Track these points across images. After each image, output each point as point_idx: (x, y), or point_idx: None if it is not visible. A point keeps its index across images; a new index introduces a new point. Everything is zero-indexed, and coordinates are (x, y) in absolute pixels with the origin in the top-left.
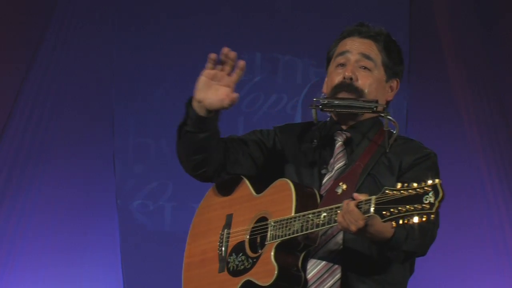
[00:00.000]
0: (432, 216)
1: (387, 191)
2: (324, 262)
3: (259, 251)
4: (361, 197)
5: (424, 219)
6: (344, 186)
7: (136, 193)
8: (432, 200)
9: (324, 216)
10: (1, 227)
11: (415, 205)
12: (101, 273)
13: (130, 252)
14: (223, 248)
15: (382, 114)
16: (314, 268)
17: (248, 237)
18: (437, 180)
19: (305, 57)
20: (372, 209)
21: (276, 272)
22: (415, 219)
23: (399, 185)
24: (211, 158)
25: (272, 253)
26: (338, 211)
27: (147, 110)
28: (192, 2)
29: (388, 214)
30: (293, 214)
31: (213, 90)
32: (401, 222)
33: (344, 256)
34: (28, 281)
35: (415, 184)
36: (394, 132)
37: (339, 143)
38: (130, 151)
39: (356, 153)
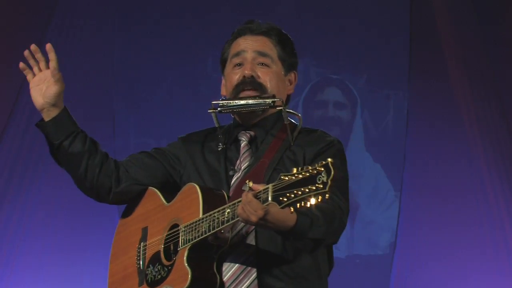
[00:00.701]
0: (327, 195)
1: (283, 177)
2: (238, 263)
3: (173, 258)
4: (259, 187)
5: (319, 199)
6: (251, 184)
7: None
8: (325, 179)
9: (228, 212)
10: (2, 227)
11: (309, 187)
12: (101, 273)
13: None
14: (140, 262)
15: (281, 108)
16: (230, 270)
17: (162, 246)
18: (329, 159)
19: (305, 57)
20: (270, 197)
21: (190, 276)
22: (312, 201)
23: (294, 170)
24: (94, 162)
25: (185, 258)
26: None
27: (147, 110)
28: (192, 2)
29: (285, 199)
30: (200, 216)
31: (45, 89)
32: (298, 205)
33: (258, 256)
34: (28, 281)
35: (309, 167)
36: (298, 125)
37: (244, 143)
38: (131, 151)
39: (261, 150)
